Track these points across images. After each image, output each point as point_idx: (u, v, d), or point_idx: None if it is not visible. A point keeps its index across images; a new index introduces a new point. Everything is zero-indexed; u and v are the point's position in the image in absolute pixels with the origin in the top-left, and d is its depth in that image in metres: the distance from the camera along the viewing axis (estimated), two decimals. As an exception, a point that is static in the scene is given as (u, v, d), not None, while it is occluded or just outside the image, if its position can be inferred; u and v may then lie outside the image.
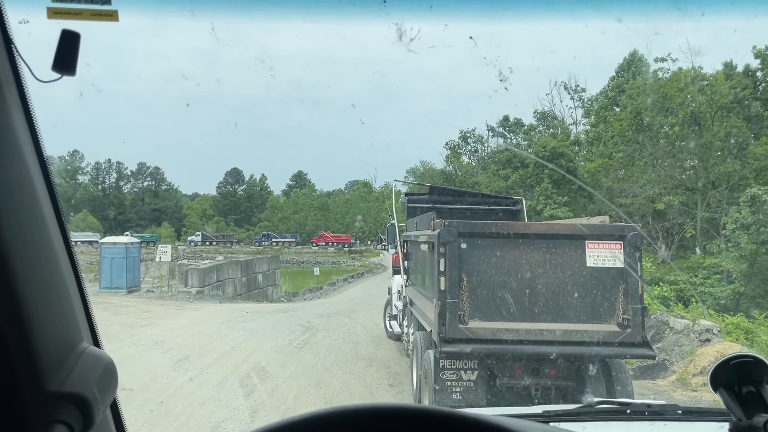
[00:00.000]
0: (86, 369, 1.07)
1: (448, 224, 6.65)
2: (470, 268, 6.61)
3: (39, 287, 1.01)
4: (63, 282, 1.09)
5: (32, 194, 1.03)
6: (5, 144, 0.98)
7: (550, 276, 6.59)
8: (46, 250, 1.05)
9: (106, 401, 1.10)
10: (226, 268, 26.50)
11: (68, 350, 1.06)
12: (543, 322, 6.50)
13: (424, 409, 0.80)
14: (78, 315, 1.14)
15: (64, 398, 0.99)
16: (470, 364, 6.82)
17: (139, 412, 7.83)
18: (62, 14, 0.99)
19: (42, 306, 1.00)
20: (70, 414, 0.98)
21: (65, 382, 1.01)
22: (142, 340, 12.75)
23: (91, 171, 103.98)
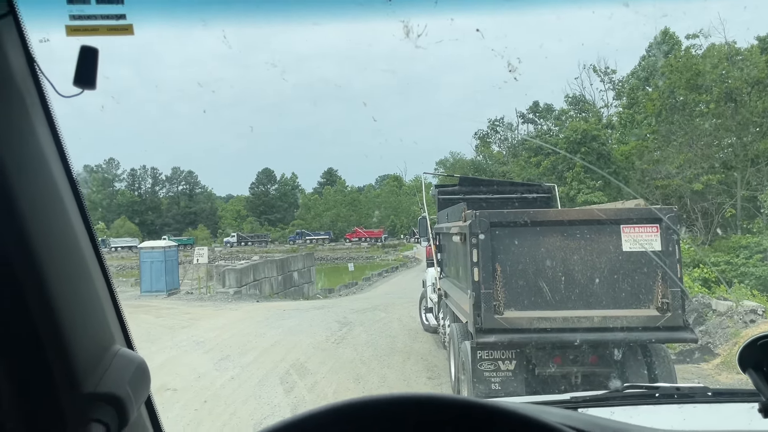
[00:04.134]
0: (119, 370, 1.10)
1: (479, 214, 6.61)
2: (503, 257, 6.57)
3: (71, 293, 1.05)
4: (94, 287, 1.13)
5: (60, 204, 1.06)
6: (33, 157, 1.01)
7: (586, 262, 6.51)
8: (76, 257, 1.09)
9: (139, 400, 1.14)
10: (262, 268, 26.85)
11: (102, 352, 1.10)
12: (580, 310, 6.43)
13: (438, 397, 0.80)
14: (110, 318, 1.17)
15: (99, 398, 1.03)
16: (508, 354, 6.78)
17: (184, 412, 8.01)
18: (80, 31, 1.03)
19: (75, 311, 1.04)
20: (105, 413, 1.02)
21: (100, 382, 1.04)
22: (183, 342, 13.02)
23: (127, 177, 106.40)
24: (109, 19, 1.03)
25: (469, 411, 0.77)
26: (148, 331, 14.52)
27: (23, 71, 1.00)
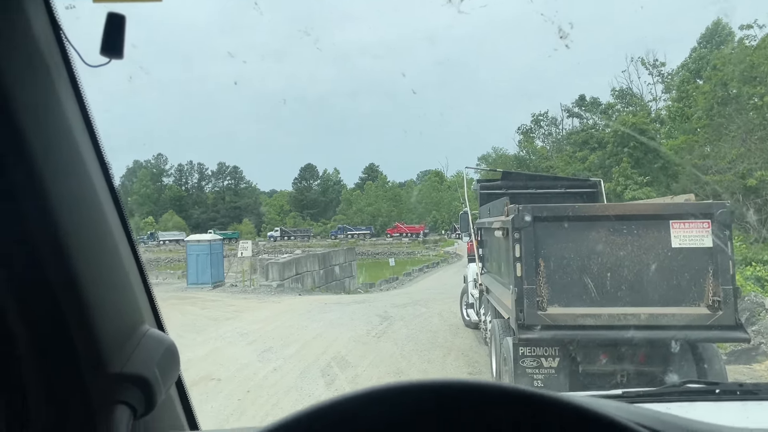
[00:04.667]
0: (147, 351, 1.07)
1: (522, 209, 6.52)
2: (547, 252, 6.46)
3: (99, 272, 1.02)
4: (122, 266, 1.10)
5: (87, 179, 1.03)
6: (60, 130, 0.98)
7: (633, 258, 6.35)
8: (104, 235, 1.06)
9: (167, 382, 1.11)
10: (304, 262, 27.14)
11: (129, 333, 1.07)
12: (626, 307, 6.28)
13: (498, 386, 0.78)
14: (139, 298, 1.14)
15: (125, 379, 1.00)
16: (551, 351, 6.68)
17: (227, 401, 8.17)
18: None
19: (102, 290, 1.02)
20: (132, 395, 0.99)
21: (127, 363, 1.02)
22: (227, 333, 13.28)
23: (175, 173, 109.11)
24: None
25: (528, 401, 0.75)
26: (193, 322, 14.88)
27: (49, 39, 0.97)
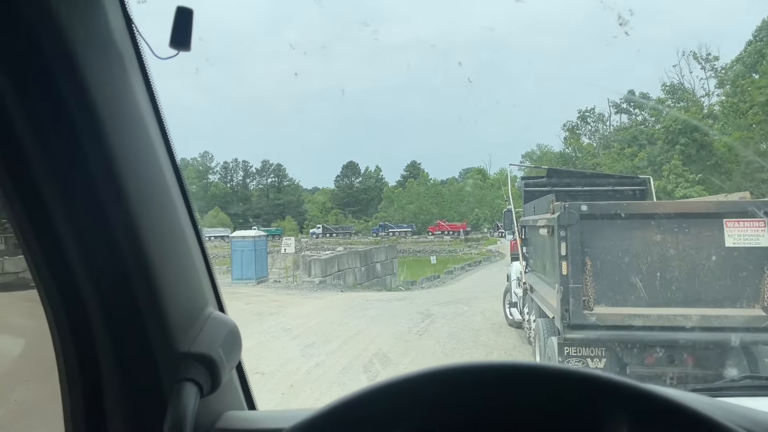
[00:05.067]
0: (212, 332, 1.11)
1: (568, 206, 6.42)
2: (594, 251, 6.34)
3: (168, 256, 1.07)
4: (189, 251, 1.15)
5: (158, 168, 1.08)
6: (133, 121, 1.02)
7: (684, 258, 6.17)
8: (172, 221, 1.11)
9: (231, 363, 1.14)
10: (346, 259, 27.32)
11: (196, 314, 1.12)
12: (677, 307, 6.11)
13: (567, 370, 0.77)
14: (204, 282, 1.19)
15: (193, 358, 1.04)
16: (597, 352, 6.55)
17: (271, 395, 8.30)
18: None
19: (172, 273, 1.06)
20: (199, 373, 1.02)
21: (193, 343, 1.06)
22: (271, 328, 13.48)
23: (220, 170, 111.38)
24: None
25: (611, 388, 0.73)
26: (237, 316, 14.98)
27: (122, 32, 1.01)
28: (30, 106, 0.91)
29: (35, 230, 0.96)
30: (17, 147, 0.92)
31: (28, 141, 0.92)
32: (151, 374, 1.04)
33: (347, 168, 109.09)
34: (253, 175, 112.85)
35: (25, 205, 0.95)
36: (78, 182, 0.96)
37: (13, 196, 0.95)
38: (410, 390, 0.76)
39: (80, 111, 0.92)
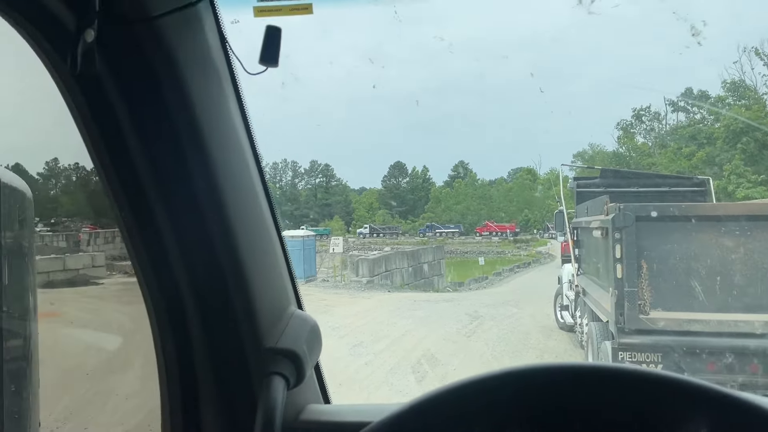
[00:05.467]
0: (296, 329, 1.18)
1: (623, 207, 6.28)
2: (650, 254, 6.18)
3: (257, 257, 1.14)
4: (275, 252, 1.22)
5: (248, 173, 1.15)
6: (228, 132, 1.11)
7: (746, 262, 5.94)
8: (260, 224, 1.18)
9: (313, 358, 1.20)
10: (393, 259, 27.39)
11: (280, 312, 1.19)
12: (738, 313, 5.89)
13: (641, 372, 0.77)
14: (286, 282, 1.26)
15: (279, 353, 1.10)
16: (653, 357, 6.37)
17: (320, 393, 8.40)
18: (266, 12, 1.10)
19: (260, 274, 1.13)
20: (285, 367, 1.09)
21: (279, 339, 1.13)
22: (320, 327, 13.61)
23: (270, 171, 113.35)
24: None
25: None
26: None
27: (218, 50, 1.09)
28: (140, 121, 1.00)
29: (141, 234, 1.05)
30: (128, 158, 1.01)
31: (138, 152, 1.01)
32: (242, 368, 1.11)
33: (394, 168, 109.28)
34: (301, 176, 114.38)
35: (134, 209, 1.04)
36: (180, 189, 1.04)
37: (123, 201, 1.04)
38: (491, 388, 0.78)
39: (183, 125, 1.01)
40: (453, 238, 76.69)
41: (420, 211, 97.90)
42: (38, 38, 0.94)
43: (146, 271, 1.08)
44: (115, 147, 1.00)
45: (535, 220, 75.69)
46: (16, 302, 0.96)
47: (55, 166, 25.25)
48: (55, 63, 0.96)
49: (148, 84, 0.99)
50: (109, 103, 0.98)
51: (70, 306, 9.22)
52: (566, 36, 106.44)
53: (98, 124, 1.00)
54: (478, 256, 43.48)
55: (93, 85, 0.97)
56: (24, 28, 0.93)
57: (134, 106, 0.99)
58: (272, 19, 1.09)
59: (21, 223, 0.98)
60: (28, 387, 0.95)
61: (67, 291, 10.17)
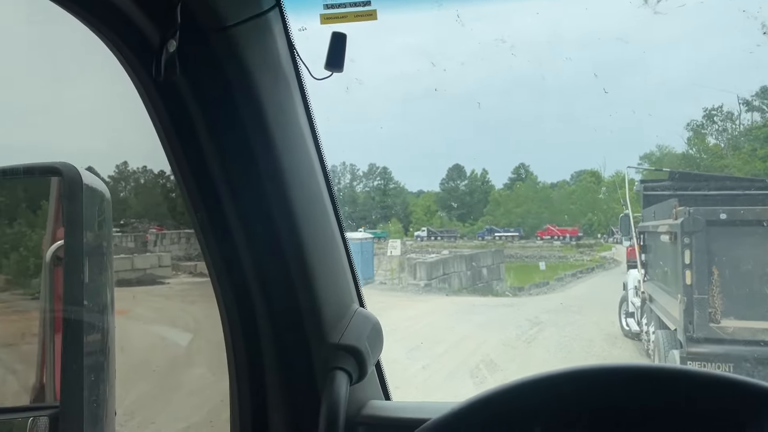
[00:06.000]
0: (359, 326, 1.21)
1: (693, 211, 6.07)
2: (722, 259, 5.94)
3: (323, 257, 1.18)
4: (339, 251, 1.26)
5: (314, 174, 1.19)
6: (295, 136, 1.15)
7: (830, 270, 5.60)
8: (326, 223, 1.22)
9: (375, 355, 1.23)
10: (451, 262, 27.20)
11: (343, 310, 1.23)
12: None
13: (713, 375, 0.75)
14: (349, 281, 1.30)
15: (342, 349, 1.14)
16: (724, 368, 6.09)
17: (378, 395, 8.44)
18: (332, 19, 1.14)
19: (325, 272, 1.17)
20: (348, 363, 1.12)
21: (342, 336, 1.16)
22: (378, 327, 13.68)
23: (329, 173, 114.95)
24: (356, 6, 1.12)
25: None
26: (346, 316, 15.52)
27: (286, 57, 1.14)
28: (214, 125, 1.06)
29: (214, 234, 1.11)
30: (203, 160, 1.07)
31: (212, 155, 1.07)
32: (306, 362, 1.15)
33: (453, 171, 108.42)
34: (359, 178, 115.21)
35: (208, 210, 1.09)
36: (251, 191, 1.09)
37: (198, 202, 1.10)
38: (551, 387, 0.78)
39: (255, 129, 1.06)
40: (513, 241, 75.30)
41: (478, 214, 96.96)
42: (123, 49, 1.01)
43: (219, 270, 1.14)
44: (190, 150, 1.06)
45: (599, 224, 73.57)
46: (96, 298, 1.01)
47: (125, 169, 26.40)
48: (138, 71, 1.02)
49: (223, 90, 1.04)
50: (186, 108, 1.04)
51: (138, 304, 9.62)
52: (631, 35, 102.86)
53: (176, 129, 1.06)
54: (539, 261, 42.55)
55: (172, 92, 1.03)
56: (112, 41, 1.00)
57: (209, 111, 1.04)
58: (338, 26, 1.13)
59: (100, 223, 1.04)
60: (105, 378, 1.01)
61: (135, 290, 10.62)
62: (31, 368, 1.17)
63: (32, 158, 1.09)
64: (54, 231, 1.18)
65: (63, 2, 0.95)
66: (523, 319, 15.16)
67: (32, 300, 1.23)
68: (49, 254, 1.11)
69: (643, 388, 0.77)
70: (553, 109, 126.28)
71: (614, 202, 57.30)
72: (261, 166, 1.07)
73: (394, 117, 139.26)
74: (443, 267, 26.12)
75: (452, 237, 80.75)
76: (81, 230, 0.99)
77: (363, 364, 1.14)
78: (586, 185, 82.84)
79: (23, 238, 1.22)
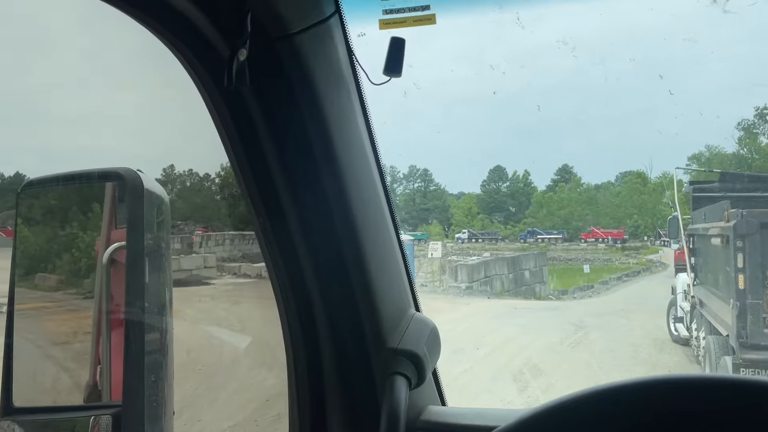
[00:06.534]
0: (416, 331, 1.20)
1: (746, 214, 5.89)
2: (777, 264, 5.72)
3: (381, 261, 1.18)
4: (395, 256, 1.26)
5: (372, 178, 1.20)
6: (354, 141, 1.16)
7: None
8: (383, 228, 1.22)
9: (433, 361, 1.22)
10: (492, 265, 26.98)
11: (401, 314, 1.22)
12: None
13: None
14: (405, 285, 1.29)
15: (401, 354, 1.12)
16: (781, 376, 5.88)
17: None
18: (391, 24, 1.14)
19: (383, 277, 1.17)
20: (407, 368, 1.11)
21: (401, 340, 1.15)
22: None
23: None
24: (415, 11, 1.13)
25: None
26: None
27: (346, 63, 1.15)
28: (277, 131, 1.08)
29: (276, 238, 1.13)
30: (266, 165, 1.09)
31: (274, 160, 1.09)
32: (365, 366, 1.15)
33: (494, 172, 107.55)
34: (400, 180, 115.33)
35: (269, 214, 1.11)
36: (312, 195, 1.10)
37: (260, 206, 1.12)
38: (622, 397, 0.77)
39: (316, 134, 1.07)
40: (556, 244, 74.17)
41: (520, 216, 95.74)
42: (191, 59, 1.04)
43: (279, 273, 1.15)
44: (255, 157, 1.08)
45: (646, 226, 71.76)
46: (156, 298, 1.05)
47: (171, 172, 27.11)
48: (205, 80, 1.05)
49: (287, 97, 1.06)
50: (251, 115, 1.06)
51: (184, 304, 9.85)
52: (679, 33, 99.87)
53: (241, 136, 1.08)
54: (583, 264, 41.88)
55: (239, 100, 1.05)
56: (179, 51, 1.03)
57: (273, 118, 1.07)
58: (396, 31, 1.14)
59: (159, 225, 1.07)
60: (164, 377, 1.04)
61: (181, 290, 10.89)
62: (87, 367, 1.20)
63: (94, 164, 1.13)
64: (108, 233, 1.22)
65: (134, 13, 0.99)
66: (567, 323, 14.91)
67: (86, 300, 1.28)
68: (105, 256, 1.15)
69: (716, 400, 0.74)
70: (598, 109, 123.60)
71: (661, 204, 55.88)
72: (322, 171, 1.09)
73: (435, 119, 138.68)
74: (485, 269, 25.92)
75: (493, 239, 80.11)
76: (142, 233, 1.02)
77: (422, 370, 1.13)
78: (632, 186, 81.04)
79: (75, 240, 1.27)
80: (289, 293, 1.16)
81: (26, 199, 1.21)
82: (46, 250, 1.29)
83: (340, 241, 1.11)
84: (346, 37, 1.13)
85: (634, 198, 76.79)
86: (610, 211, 79.39)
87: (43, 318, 1.27)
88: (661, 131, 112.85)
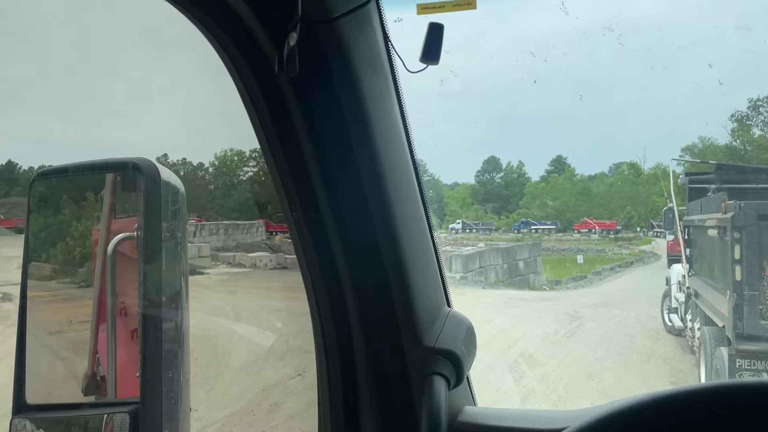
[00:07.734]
0: (453, 329, 1.18)
1: (744, 205, 5.90)
2: (775, 255, 5.74)
3: (416, 258, 1.14)
4: (430, 253, 1.22)
5: (407, 173, 1.16)
6: (391, 132, 1.12)
7: None
8: (418, 224, 1.19)
9: (471, 359, 1.19)
10: (487, 255, 27.02)
11: (436, 312, 1.19)
12: None
13: None
14: (439, 282, 1.26)
15: (438, 353, 1.10)
16: (776, 366, 5.93)
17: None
18: (429, 9, 1.10)
19: (418, 274, 1.14)
20: (445, 367, 1.08)
21: (437, 339, 1.12)
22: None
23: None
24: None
25: None
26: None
27: (382, 49, 1.11)
28: (314, 117, 1.04)
29: (309, 231, 1.09)
30: (300, 155, 1.05)
31: (309, 150, 1.05)
32: (400, 366, 1.11)
33: (488, 163, 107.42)
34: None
35: (303, 207, 1.07)
36: (347, 188, 1.07)
37: (294, 199, 1.08)
38: (690, 403, 0.74)
39: (353, 122, 1.04)
40: (549, 234, 74.25)
41: (514, 206, 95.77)
42: (227, 44, 1.00)
43: (312, 268, 1.11)
44: (290, 147, 1.04)
45: (639, 217, 72.03)
46: (171, 287, 1.02)
47: (165, 162, 27.04)
48: (239, 64, 1.01)
49: (326, 83, 1.02)
50: (286, 102, 1.03)
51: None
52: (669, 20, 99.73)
53: (276, 125, 1.04)
54: (577, 254, 42.03)
55: (273, 86, 1.02)
56: (218, 38, 1.00)
57: (311, 105, 1.02)
58: (435, 16, 1.09)
59: (174, 214, 1.05)
60: (181, 372, 1.01)
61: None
62: (97, 363, 1.17)
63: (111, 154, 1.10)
64: (108, 224, 1.19)
65: (179, 4, 0.95)
66: (561, 313, 14.97)
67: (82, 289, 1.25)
68: (110, 247, 1.11)
69: None
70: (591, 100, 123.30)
71: (654, 195, 56.08)
72: (359, 164, 1.05)
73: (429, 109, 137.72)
74: (479, 260, 25.96)
75: (488, 230, 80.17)
76: (160, 223, 0.99)
77: (460, 369, 1.10)
78: (625, 178, 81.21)
79: (69, 229, 1.24)
80: (321, 290, 1.13)
81: (38, 188, 1.18)
82: (52, 241, 1.25)
83: (377, 237, 1.07)
84: (382, 22, 1.09)
85: (627, 189, 76.99)
86: (604, 202, 79.59)
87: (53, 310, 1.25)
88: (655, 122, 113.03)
